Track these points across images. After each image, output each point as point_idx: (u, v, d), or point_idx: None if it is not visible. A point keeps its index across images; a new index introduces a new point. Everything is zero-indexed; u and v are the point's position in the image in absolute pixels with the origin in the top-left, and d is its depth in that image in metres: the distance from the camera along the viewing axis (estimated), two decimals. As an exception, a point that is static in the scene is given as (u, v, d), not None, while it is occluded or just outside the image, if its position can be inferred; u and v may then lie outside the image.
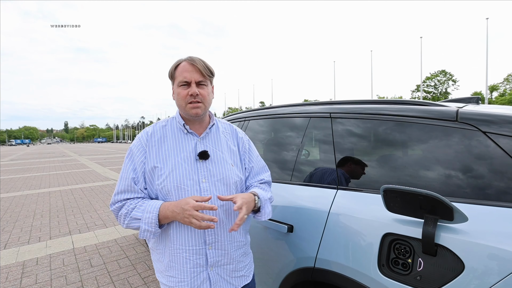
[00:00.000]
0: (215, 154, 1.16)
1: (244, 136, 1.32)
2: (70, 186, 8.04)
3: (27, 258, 3.25)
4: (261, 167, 1.32)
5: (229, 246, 1.14)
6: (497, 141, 0.96)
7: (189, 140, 1.16)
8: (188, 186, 1.07)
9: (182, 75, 1.10)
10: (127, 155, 1.14)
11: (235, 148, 1.24)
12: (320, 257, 1.22)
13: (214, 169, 1.13)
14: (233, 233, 1.15)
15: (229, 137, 1.26)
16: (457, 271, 0.86)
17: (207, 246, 1.09)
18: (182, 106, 1.12)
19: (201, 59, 1.13)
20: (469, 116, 1.04)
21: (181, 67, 1.11)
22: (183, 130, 1.17)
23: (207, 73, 1.12)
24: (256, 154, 1.32)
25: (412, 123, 1.17)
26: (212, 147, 1.17)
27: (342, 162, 1.35)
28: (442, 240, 0.90)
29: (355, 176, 1.29)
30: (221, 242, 1.12)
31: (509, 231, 0.83)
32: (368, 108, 1.34)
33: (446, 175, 1.04)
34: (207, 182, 1.11)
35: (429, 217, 0.91)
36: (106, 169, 12.51)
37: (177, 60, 1.15)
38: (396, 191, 0.93)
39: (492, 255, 0.81)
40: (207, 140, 1.18)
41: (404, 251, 0.98)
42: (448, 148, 1.05)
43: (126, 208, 1.06)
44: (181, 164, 1.10)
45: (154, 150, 1.12)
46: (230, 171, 1.16)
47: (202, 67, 1.10)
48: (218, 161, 1.15)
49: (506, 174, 0.92)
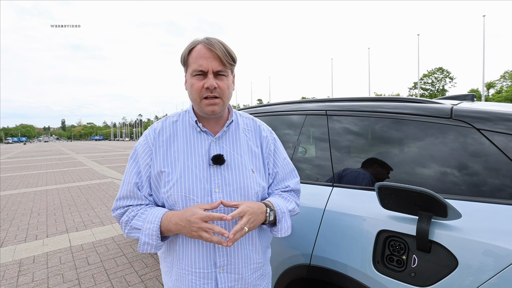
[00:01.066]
0: (232, 158, 0.98)
1: (270, 134, 1.10)
2: (67, 184, 8.01)
3: (24, 256, 3.24)
4: (288, 172, 1.10)
5: (244, 269, 0.96)
6: (491, 138, 0.96)
7: (202, 140, 0.98)
8: (198, 196, 0.91)
9: (197, 62, 0.90)
10: (131, 155, 0.99)
11: (258, 150, 1.04)
12: (315, 254, 1.22)
13: (230, 176, 0.95)
14: (250, 254, 0.98)
15: (251, 136, 1.06)
16: (451, 267, 0.86)
17: (217, 269, 0.93)
18: (196, 100, 0.93)
19: (221, 42, 0.92)
20: (464, 114, 1.05)
21: (196, 52, 0.91)
22: (196, 128, 0.99)
23: (228, 61, 0.91)
24: (283, 157, 1.10)
25: (407, 120, 1.17)
26: (230, 149, 0.99)
27: (338, 160, 1.35)
28: (436, 237, 0.90)
29: (351, 173, 1.30)
30: (235, 264, 0.95)
31: (502, 228, 0.83)
32: (364, 106, 1.34)
33: (441, 172, 1.04)
34: (221, 192, 0.94)
35: (423, 214, 0.91)
36: (103, 167, 12.47)
37: (192, 41, 0.94)
38: (390, 188, 0.94)
39: (485, 251, 0.82)
40: (224, 141, 1.00)
41: (398, 248, 0.99)
42: (443, 145, 1.06)
43: (127, 215, 0.94)
44: (191, 170, 0.93)
45: (161, 151, 0.96)
46: (249, 179, 0.97)
47: (222, 53, 0.89)
48: (236, 166, 0.97)
49: (500, 171, 0.92)
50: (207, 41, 0.91)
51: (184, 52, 0.94)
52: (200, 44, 0.91)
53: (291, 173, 1.11)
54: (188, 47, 0.94)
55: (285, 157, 1.12)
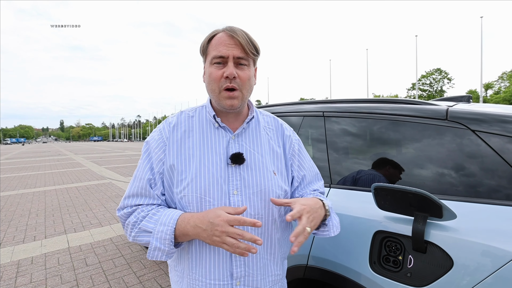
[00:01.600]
0: (252, 158, 0.89)
1: (293, 134, 1.03)
2: (65, 185, 7.99)
3: (22, 257, 3.23)
4: (314, 175, 1.03)
5: (262, 281, 0.88)
6: (486, 139, 0.97)
7: (220, 137, 0.90)
8: (215, 198, 0.83)
9: (217, 49, 0.83)
10: (144, 151, 0.90)
11: (280, 150, 0.96)
12: (312, 255, 1.23)
13: (250, 177, 0.87)
14: (268, 264, 0.90)
15: (272, 135, 0.98)
16: (446, 267, 0.87)
17: (234, 281, 0.84)
18: (215, 92, 0.85)
19: (244, 31, 0.86)
20: (459, 115, 1.06)
21: (217, 39, 0.84)
22: (214, 124, 0.91)
23: (250, 49, 0.84)
24: (309, 159, 1.03)
25: (403, 121, 1.18)
26: (250, 148, 0.91)
27: (335, 160, 1.36)
28: (432, 237, 0.91)
29: (348, 174, 1.30)
30: (253, 276, 0.86)
31: (497, 228, 0.84)
32: (361, 107, 1.35)
33: (436, 173, 1.05)
34: (240, 194, 0.85)
35: (418, 214, 0.92)
36: (101, 168, 12.44)
37: (212, 31, 0.88)
38: (386, 189, 0.94)
39: (480, 251, 0.83)
40: (244, 138, 0.92)
41: (395, 249, 0.99)
42: (438, 146, 1.07)
43: (136, 216, 0.83)
44: (208, 169, 0.84)
45: (175, 147, 0.88)
46: (271, 181, 0.89)
47: (245, 40, 0.83)
48: (257, 167, 0.88)
49: (495, 172, 0.93)
50: (229, 28, 0.85)
51: (204, 42, 0.88)
52: (221, 32, 0.86)
53: (317, 176, 1.05)
54: (208, 36, 0.87)
55: (310, 159, 1.05)
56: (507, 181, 0.90)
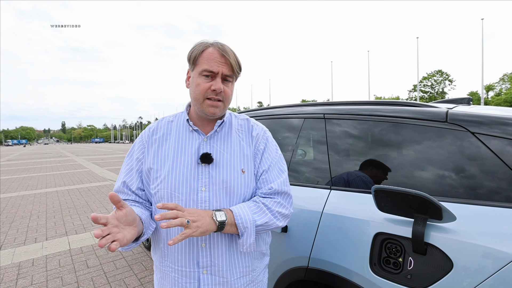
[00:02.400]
0: (221, 157, 0.97)
1: (263, 134, 1.07)
2: (67, 187, 8.01)
3: (23, 259, 3.24)
4: (275, 172, 1.03)
5: (229, 272, 0.95)
6: (486, 141, 0.98)
7: (193, 139, 0.99)
8: (183, 194, 0.92)
9: (210, 64, 0.91)
10: (128, 152, 1.06)
11: (250, 151, 1.02)
12: (313, 256, 1.23)
13: (217, 175, 0.95)
14: (234, 256, 0.96)
15: (244, 136, 1.04)
16: (446, 269, 0.87)
17: (200, 269, 0.93)
18: (199, 100, 0.94)
19: (232, 50, 0.95)
20: (459, 117, 1.06)
21: (209, 54, 0.92)
22: (189, 128, 1.00)
23: (236, 69, 0.95)
24: (273, 157, 1.04)
25: (404, 124, 1.18)
26: (220, 149, 0.99)
27: (336, 163, 1.37)
28: (432, 239, 0.91)
29: (348, 176, 1.31)
30: (218, 266, 0.94)
31: (497, 230, 0.84)
32: (361, 109, 1.35)
33: (437, 175, 1.05)
34: (207, 191, 0.93)
35: (418, 216, 0.92)
36: (103, 169, 12.47)
37: (203, 43, 0.95)
38: (386, 191, 0.95)
39: (480, 253, 0.83)
40: (215, 140, 1.00)
41: (395, 250, 1.00)
42: (439, 148, 1.07)
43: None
44: (179, 168, 0.94)
45: (153, 148, 0.99)
46: (237, 179, 0.96)
47: (234, 60, 0.94)
48: (224, 166, 0.96)
49: (494, 174, 0.93)
50: (221, 46, 0.93)
51: (195, 52, 0.94)
52: (212, 47, 0.93)
53: (279, 173, 1.02)
54: (199, 48, 0.94)
55: (275, 157, 1.05)
56: (506, 183, 0.91)
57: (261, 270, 1.06)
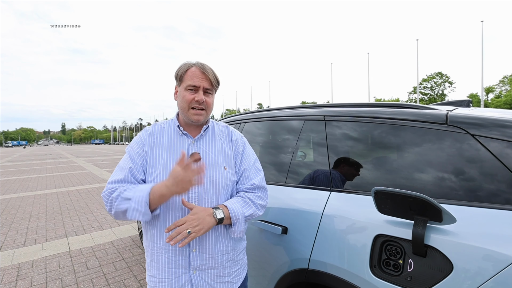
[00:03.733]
0: (207, 156, 1.17)
1: (240, 139, 1.30)
2: (66, 188, 8.01)
3: (23, 260, 3.23)
4: (254, 171, 1.26)
5: (214, 250, 1.13)
6: (486, 144, 0.98)
7: (183, 141, 1.18)
8: None
9: (193, 80, 1.12)
10: (127, 149, 1.19)
11: (230, 151, 1.24)
12: (313, 258, 1.23)
13: (205, 171, 1.10)
14: (219, 238, 1.14)
15: (224, 140, 1.26)
16: (446, 271, 0.87)
17: (190, 248, 1.10)
18: (185, 109, 1.15)
19: (211, 68, 1.17)
20: (458, 119, 1.06)
21: (192, 72, 1.13)
22: (179, 132, 1.19)
23: (215, 83, 1.18)
24: (250, 158, 1.27)
25: (404, 126, 1.18)
26: (206, 149, 1.19)
27: (336, 165, 1.37)
28: (432, 241, 0.91)
29: (348, 178, 1.31)
30: (206, 246, 1.11)
31: (497, 232, 0.85)
32: (361, 111, 1.35)
33: (437, 177, 1.05)
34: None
35: (418, 218, 0.92)
36: (103, 171, 12.46)
37: (187, 63, 1.17)
38: (386, 193, 0.95)
39: (480, 255, 0.83)
40: (201, 143, 1.20)
41: (395, 252, 1.00)
42: (438, 150, 1.07)
43: (119, 191, 1.06)
44: (172, 164, 1.12)
45: (149, 147, 1.16)
46: (221, 174, 1.16)
47: (212, 76, 1.15)
48: (210, 163, 1.16)
49: (494, 177, 0.93)
50: (202, 66, 1.15)
51: (181, 71, 1.16)
52: (195, 66, 1.14)
53: (257, 172, 1.26)
54: (184, 68, 1.15)
55: (252, 158, 1.28)
56: (506, 186, 0.91)
57: (240, 250, 1.24)
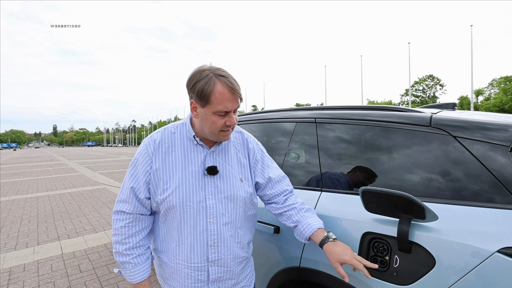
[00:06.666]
0: (224, 169, 1.11)
1: (256, 146, 1.24)
2: (58, 191, 7.91)
3: (14, 264, 3.20)
4: (281, 175, 1.25)
5: (232, 263, 1.12)
6: (467, 145, 1.03)
7: (198, 152, 1.09)
8: (194, 203, 1.04)
9: (223, 105, 0.97)
10: (132, 163, 1.09)
11: (246, 161, 1.18)
12: (305, 256, 1.27)
13: (222, 185, 1.08)
14: (236, 250, 1.13)
15: (239, 148, 1.19)
16: (429, 266, 0.92)
17: (209, 263, 1.08)
18: (214, 133, 1.03)
19: (236, 81, 1.01)
20: (441, 122, 1.11)
21: (221, 93, 0.96)
22: (193, 141, 1.10)
23: (241, 99, 1.04)
24: (272, 164, 1.26)
25: (391, 128, 1.23)
26: (222, 161, 1.12)
27: (326, 166, 1.41)
28: (416, 238, 0.96)
29: (338, 178, 1.35)
30: (224, 259, 1.10)
31: (476, 229, 0.89)
32: (351, 114, 1.40)
33: (421, 177, 1.10)
34: (214, 199, 1.07)
35: (403, 216, 0.97)
36: (96, 173, 12.33)
37: (207, 75, 0.96)
38: (373, 192, 0.99)
39: (460, 251, 0.88)
40: (217, 153, 1.12)
41: (382, 249, 1.04)
42: (423, 152, 1.12)
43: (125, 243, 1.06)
44: (189, 179, 1.05)
45: (160, 160, 1.06)
46: (238, 187, 1.11)
47: (240, 91, 1.01)
48: (227, 176, 1.10)
49: (475, 177, 0.98)
50: (229, 83, 0.97)
51: (206, 89, 0.95)
52: (220, 83, 0.96)
53: (284, 177, 1.25)
54: (209, 85, 0.95)
55: (272, 164, 1.26)
56: (485, 185, 0.96)
57: (250, 253, 1.26)
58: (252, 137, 1.26)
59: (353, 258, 0.99)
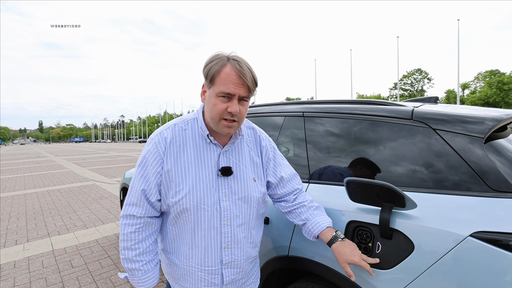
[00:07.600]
0: (238, 169, 1.06)
1: (269, 143, 1.19)
2: (47, 188, 7.78)
3: (4, 261, 3.16)
4: (292, 174, 1.22)
5: (244, 263, 1.10)
6: (445, 137, 1.08)
7: (211, 151, 1.03)
8: (208, 205, 0.99)
9: (227, 86, 0.91)
10: (140, 163, 1.01)
11: (258, 160, 1.14)
12: (293, 246, 1.32)
13: (236, 186, 1.04)
14: (249, 250, 1.11)
15: (252, 146, 1.14)
16: (408, 251, 0.98)
17: (223, 266, 1.04)
18: (215, 120, 0.96)
19: (250, 69, 0.94)
20: (422, 115, 1.17)
21: (227, 74, 0.91)
22: (206, 139, 1.03)
23: (253, 88, 0.95)
24: (284, 162, 1.23)
25: (374, 121, 1.28)
26: (236, 161, 1.07)
27: (313, 158, 1.46)
28: (397, 225, 1.02)
29: (325, 170, 1.40)
30: (238, 261, 1.07)
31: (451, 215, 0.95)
32: (337, 108, 1.45)
33: (406, 169, 1.15)
34: (228, 200, 1.03)
35: (385, 205, 1.02)
36: (84, 169, 12.15)
37: (220, 57, 0.93)
38: (356, 182, 1.04)
39: (436, 235, 0.94)
40: (231, 153, 1.06)
41: (365, 236, 1.10)
42: (406, 144, 1.17)
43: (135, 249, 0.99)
44: (203, 181, 0.99)
45: (172, 160, 0.99)
46: (252, 188, 1.07)
47: (251, 81, 0.93)
48: (241, 177, 1.06)
49: (452, 167, 1.03)
50: (239, 66, 0.91)
51: (213, 69, 0.92)
52: (230, 65, 0.92)
53: (295, 175, 1.24)
54: (217, 65, 0.92)
55: (283, 162, 1.22)
56: (463, 176, 1.01)
57: (258, 251, 1.22)
58: (264, 134, 1.21)
59: (362, 259, 1.02)
